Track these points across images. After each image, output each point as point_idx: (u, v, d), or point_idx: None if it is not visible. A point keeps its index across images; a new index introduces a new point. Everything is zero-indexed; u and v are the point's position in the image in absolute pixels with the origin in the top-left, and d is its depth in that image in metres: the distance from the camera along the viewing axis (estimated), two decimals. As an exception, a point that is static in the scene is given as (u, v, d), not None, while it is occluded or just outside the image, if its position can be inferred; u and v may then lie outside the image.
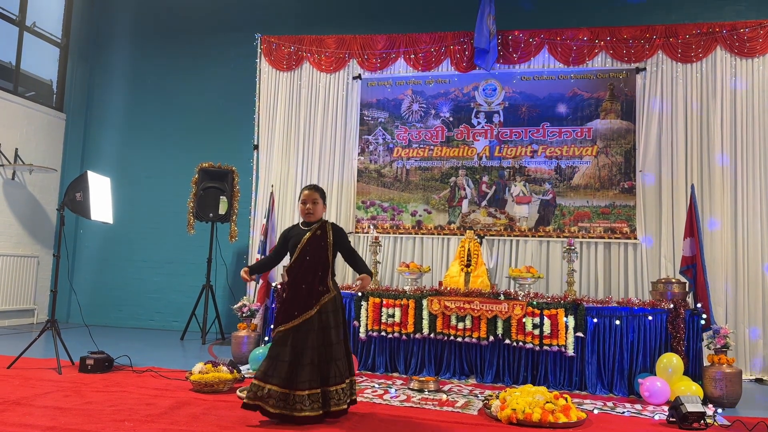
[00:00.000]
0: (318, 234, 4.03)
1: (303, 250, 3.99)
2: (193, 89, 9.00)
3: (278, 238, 4.31)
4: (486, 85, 7.53)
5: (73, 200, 5.64)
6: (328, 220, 4.19)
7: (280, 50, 8.15)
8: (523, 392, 4.25)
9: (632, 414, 4.49)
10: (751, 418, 4.36)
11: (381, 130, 7.79)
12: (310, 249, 3.99)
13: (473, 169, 7.46)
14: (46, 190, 8.94)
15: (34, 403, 4.11)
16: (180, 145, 8.90)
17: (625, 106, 7.15)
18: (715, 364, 5.03)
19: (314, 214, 4.10)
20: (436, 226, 7.49)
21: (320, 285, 3.96)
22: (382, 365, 5.85)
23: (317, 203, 4.10)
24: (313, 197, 4.10)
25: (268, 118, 8.16)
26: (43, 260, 8.83)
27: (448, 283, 6.07)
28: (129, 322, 8.79)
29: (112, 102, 9.38)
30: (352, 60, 7.95)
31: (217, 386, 4.64)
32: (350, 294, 6.03)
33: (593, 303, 5.49)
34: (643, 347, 5.29)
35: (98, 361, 5.24)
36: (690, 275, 5.61)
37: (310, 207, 4.09)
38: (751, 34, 6.83)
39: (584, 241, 7.04)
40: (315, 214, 4.10)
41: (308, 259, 3.98)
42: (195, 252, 8.34)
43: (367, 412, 4.23)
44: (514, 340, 5.49)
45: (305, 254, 3.99)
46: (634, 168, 7.03)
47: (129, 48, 9.42)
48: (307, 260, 3.98)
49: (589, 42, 7.24)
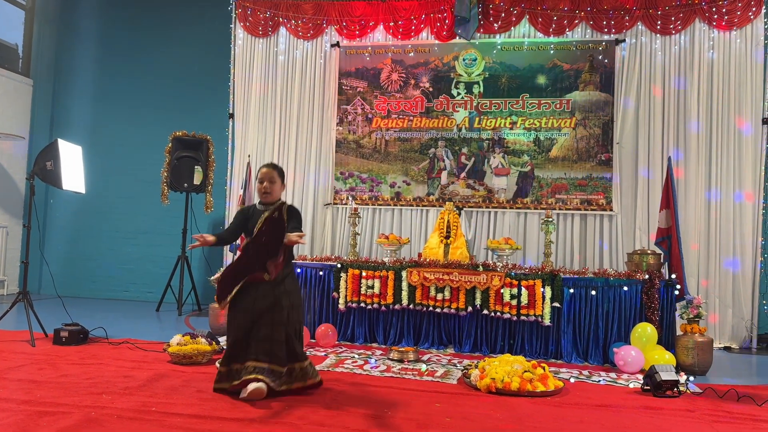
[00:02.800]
0: (275, 216, 3.81)
1: (259, 231, 3.79)
2: (167, 55, 8.75)
3: (234, 217, 4.10)
4: (466, 55, 7.45)
5: (43, 169, 5.47)
6: (285, 201, 3.97)
7: (256, 15, 7.95)
8: (501, 362, 4.30)
9: (608, 382, 4.58)
10: (721, 385, 4.49)
11: (360, 99, 7.69)
12: (266, 230, 3.78)
13: (452, 141, 7.43)
14: (13, 159, 8.67)
15: (8, 376, 4.03)
16: (153, 113, 8.68)
17: (603, 78, 7.15)
18: (687, 334, 5.14)
19: (272, 194, 3.92)
20: (415, 198, 7.47)
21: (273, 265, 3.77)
22: (361, 336, 5.86)
23: (275, 182, 3.92)
24: (271, 176, 3.91)
25: (243, 86, 7.98)
26: (12, 230, 8.62)
27: (427, 254, 6.08)
28: (103, 293, 8.66)
29: (81, 67, 9.08)
30: (330, 27, 7.79)
31: (196, 358, 4.60)
32: (329, 265, 6.01)
33: (570, 274, 5.56)
34: (618, 317, 5.38)
35: (73, 333, 5.15)
36: (665, 246, 5.70)
37: (267, 186, 3.90)
38: (730, 7, 6.85)
39: (561, 213, 7.10)
40: (273, 194, 3.92)
41: (264, 240, 3.79)
42: (170, 222, 8.20)
43: (348, 382, 4.25)
44: (492, 311, 5.54)
45: (262, 235, 3.79)
46: (612, 140, 7.07)
47: (98, 11, 9.09)
48: (263, 241, 3.79)
49: (569, 12, 7.19)
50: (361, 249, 7.34)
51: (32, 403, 3.43)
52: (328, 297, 5.98)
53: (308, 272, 6.03)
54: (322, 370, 4.56)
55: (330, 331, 5.63)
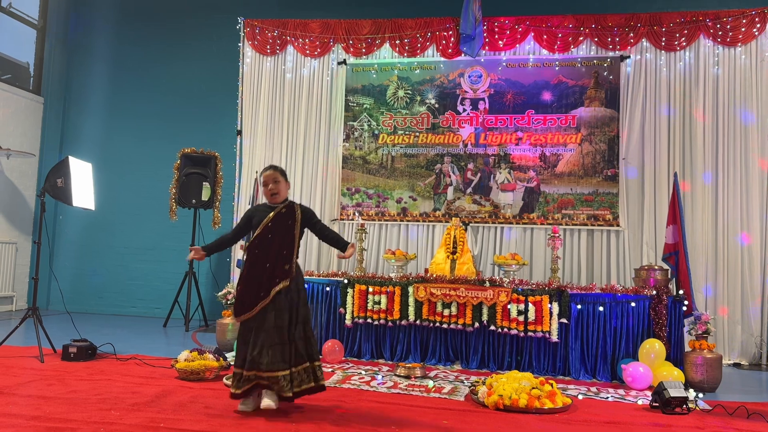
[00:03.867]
0: (283, 212, 3.83)
1: (266, 227, 3.79)
2: (176, 73, 8.85)
3: (241, 217, 4.09)
4: (472, 71, 7.51)
5: (54, 186, 5.53)
6: (295, 201, 4.01)
7: (264, 34, 8.04)
8: (509, 378, 4.29)
9: (616, 399, 4.56)
10: (731, 402, 4.45)
11: (366, 116, 7.75)
12: (274, 227, 3.79)
13: (458, 156, 7.46)
14: (24, 176, 8.76)
15: (17, 392, 4.05)
16: (162, 130, 8.77)
17: (609, 94, 7.18)
18: (696, 350, 5.12)
19: (279, 194, 3.90)
20: (421, 213, 7.49)
21: (285, 264, 3.77)
22: (368, 352, 5.86)
23: (279, 182, 3.90)
24: (274, 177, 3.90)
25: (251, 103, 8.07)
26: (22, 246, 8.68)
27: (434, 270, 6.08)
28: (111, 309, 8.69)
29: (91, 85, 9.19)
30: (336, 45, 7.88)
31: (204, 374, 4.61)
32: (336, 281, 6.02)
33: (577, 289, 5.55)
34: (626, 333, 5.37)
35: (81, 349, 5.17)
36: (672, 262, 5.68)
37: (272, 187, 3.88)
38: (734, 23, 6.89)
39: (568, 228, 7.10)
40: (280, 194, 3.91)
41: (271, 237, 3.79)
42: (178, 238, 8.25)
43: (355, 398, 4.24)
44: (499, 327, 5.53)
45: (267, 232, 3.79)
46: (618, 156, 7.08)
47: (108, 30, 9.22)
48: (269, 238, 3.79)
49: (574, 29, 7.25)
50: (368, 264, 7.36)
51: (41, 419, 3.45)
52: (335, 313, 5.98)
53: (315, 288, 6.04)
54: (329, 386, 4.56)
55: (337, 347, 5.63)
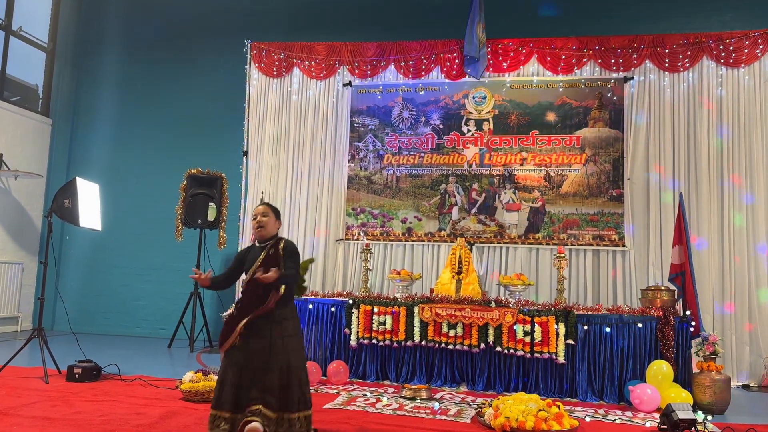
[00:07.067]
0: (271, 253, 3.71)
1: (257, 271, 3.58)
2: (182, 95, 8.94)
3: (234, 259, 3.95)
4: (476, 93, 7.56)
5: (61, 207, 5.58)
6: (283, 237, 3.88)
7: (270, 56, 8.14)
8: (516, 400, 4.26)
9: (623, 421, 4.51)
10: (740, 424, 4.40)
11: (371, 137, 7.80)
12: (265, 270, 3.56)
13: (463, 177, 7.49)
14: (31, 196, 8.82)
15: (22, 413, 4.04)
16: (168, 151, 8.84)
17: (613, 114, 7.22)
18: (704, 371, 5.07)
19: (266, 227, 3.80)
20: (426, 233, 7.49)
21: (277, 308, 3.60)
22: (373, 373, 5.83)
23: (267, 216, 3.81)
24: (263, 211, 3.83)
25: (257, 125, 8.13)
26: (28, 267, 8.71)
27: (439, 290, 6.07)
28: (115, 329, 8.68)
29: (99, 107, 9.29)
30: (342, 67, 7.96)
31: (208, 395, 4.58)
32: (341, 301, 6.01)
33: (583, 310, 5.52)
34: (633, 354, 5.33)
35: (86, 370, 5.17)
36: (679, 282, 5.66)
37: (260, 219, 3.79)
38: (737, 45, 6.94)
39: (573, 249, 7.09)
40: (267, 227, 3.80)
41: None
42: (183, 259, 8.25)
43: (360, 420, 4.21)
44: (506, 348, 5.50)
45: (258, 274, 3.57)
46: (623, 176, 7.09)
47: (117, 53, 9.34)
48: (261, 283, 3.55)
49: (577, 51, 7.31)
50: (373, 285, 7.35)
51: (46, 441, 3.44)
52: (339, 333, 5.96)
53: (320, 308, 6.03)
54: (333, 408, 4.54)
55: (342, 368, 5.60)
